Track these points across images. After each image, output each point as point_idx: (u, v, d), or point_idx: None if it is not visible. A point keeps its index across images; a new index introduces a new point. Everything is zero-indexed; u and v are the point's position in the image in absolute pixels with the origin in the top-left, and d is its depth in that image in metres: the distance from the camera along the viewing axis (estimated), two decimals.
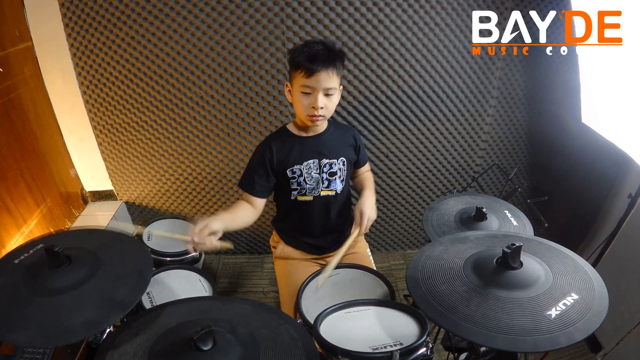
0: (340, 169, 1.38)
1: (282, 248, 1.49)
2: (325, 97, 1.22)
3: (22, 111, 1.80)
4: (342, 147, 1.39)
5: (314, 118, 1.25)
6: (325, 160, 1.35)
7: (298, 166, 1.33)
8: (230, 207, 1.33)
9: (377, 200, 1.55)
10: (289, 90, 1.28)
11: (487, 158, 2.22)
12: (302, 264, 1.47)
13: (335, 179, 1.38)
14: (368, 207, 1.31)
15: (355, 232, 1.28)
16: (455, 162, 2.19)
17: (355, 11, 1.72)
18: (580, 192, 2.03)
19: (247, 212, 1.32)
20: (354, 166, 1.46)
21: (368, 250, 1.54)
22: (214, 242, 1.11)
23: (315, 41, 1.24)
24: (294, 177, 1.34)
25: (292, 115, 1.94)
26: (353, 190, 1.56)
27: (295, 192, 1.37)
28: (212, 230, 1.11)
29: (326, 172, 1.36)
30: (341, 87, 1.30)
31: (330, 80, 1.20)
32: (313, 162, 1.34)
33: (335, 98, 1.26)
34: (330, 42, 1.25)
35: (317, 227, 1.44)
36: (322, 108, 1.22)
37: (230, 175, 2.13)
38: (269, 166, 1.32)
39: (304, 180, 1.35)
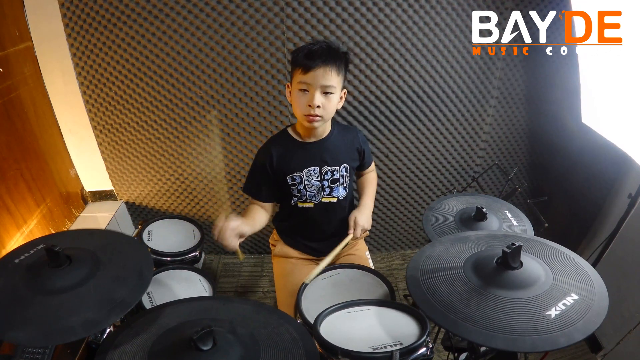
0: (342, 176, 1.35)
1: (281, 247, 1.49)
2: (323, 95, 1.18)
3: (22, 111, 1.79)
4: (345, 153, 1.35)
5: (311, 117, 1.20)
6: (326, 168, 1.32)
7: (298, 173, 1.31)
8: (247, 212, 1.33)
9: (377, 200, 1.55)
10: (290, 92, 1.25)
11: (487, 158, 2.22)
12: (301, 263, 1.47)
13: (337, 186, 1.35)
14: (363, 217, 1.34)
15: (348, 238, 1.30)
16: (455, 162, 2.19)
17: (355, 11, 1.72)
18: (580, 192, 2.03)
19: (262, 216, 1.34)
20: (358, 169, 1.44)
21: (367, 252, 1.53)
22: (236, 244, 1.15)
23: (318, 41, 1.22)
24: (294, 184, 1.32)
25: (291, 115, 1.94)
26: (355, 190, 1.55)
27: (295, 199, 1.35)
28: (241, 232, 1.15)
29: (328, 180, 1.33)
30: (344, 91, 1.26)
31: (328, 77, 1.16)
32: (314, 170, 1.31)
33: (335, 98, 1.21)
34: (334, 43, 1.22)
35: (318, 232, 1.43)
36: (318, 107, 1.17)
37: (230, 175, 2.13)
38: (269, 171, 1.31)
39: (304, 187, 1.32)
